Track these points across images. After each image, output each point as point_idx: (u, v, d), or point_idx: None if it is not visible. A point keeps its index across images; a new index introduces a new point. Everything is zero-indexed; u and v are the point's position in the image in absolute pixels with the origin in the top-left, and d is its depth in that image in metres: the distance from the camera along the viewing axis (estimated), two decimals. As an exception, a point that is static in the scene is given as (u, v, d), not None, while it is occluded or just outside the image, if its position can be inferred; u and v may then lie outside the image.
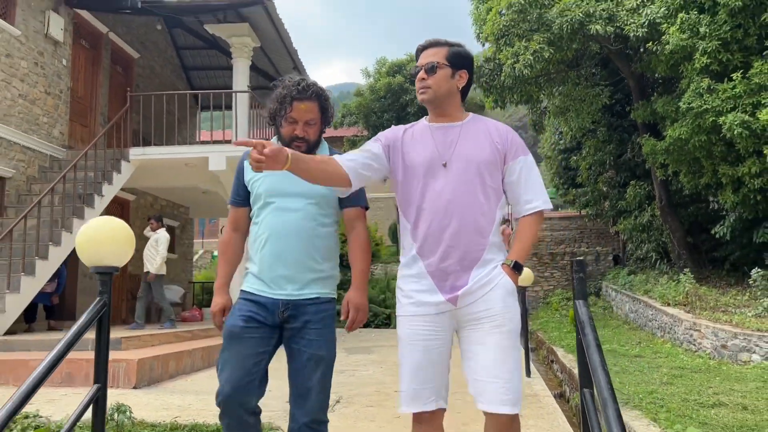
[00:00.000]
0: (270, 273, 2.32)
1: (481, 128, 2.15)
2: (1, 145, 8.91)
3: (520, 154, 2.13)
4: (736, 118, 9.44)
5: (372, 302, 16.82)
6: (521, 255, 2.11)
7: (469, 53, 2.19)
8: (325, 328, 2.29)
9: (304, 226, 2.31)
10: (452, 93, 2.15)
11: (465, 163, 2.08)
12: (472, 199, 2.07)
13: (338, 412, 4.80)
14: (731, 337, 8.01)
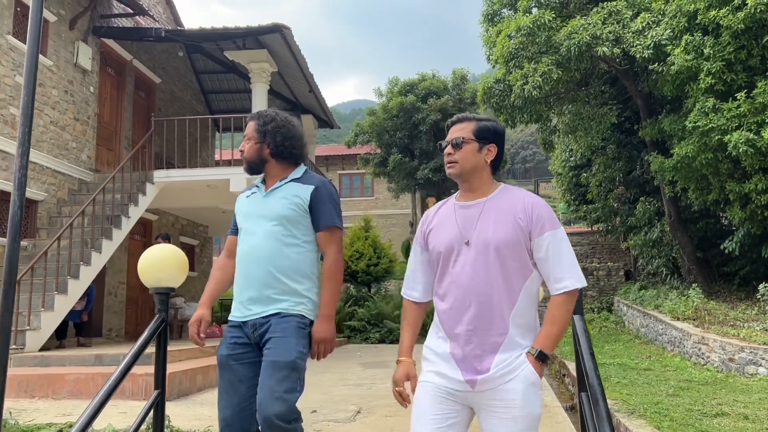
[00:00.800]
0: (240, 296, 2.45)
1: (505, 204, 2.09)
2: (33, 169, 9.38)
3: (547, 229, 2.03)
4: (741, 136, 9.68)
5: (386, 318, 17.08)
6: (548, 342, 2.00)
7: (499, 127, 2.17)
8: (285, 337, 2.33)
9: (266, 247, 2.40)
10: (479, 167, 2.12)
11: (483, 245, 2.03)
12: (491, 282, 2.02)
13: (359, 422, 5.10)
14: (738, 351, 8.21)
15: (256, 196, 2.56)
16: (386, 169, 24.94)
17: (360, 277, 18.16)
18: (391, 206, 32.88)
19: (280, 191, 2.51)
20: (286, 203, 2.46)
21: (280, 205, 2.46)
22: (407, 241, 28.06)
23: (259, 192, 2.57)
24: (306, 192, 2.48)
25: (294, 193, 2.49)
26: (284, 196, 2.49)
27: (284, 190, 2.51)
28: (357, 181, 34.12)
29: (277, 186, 2.53)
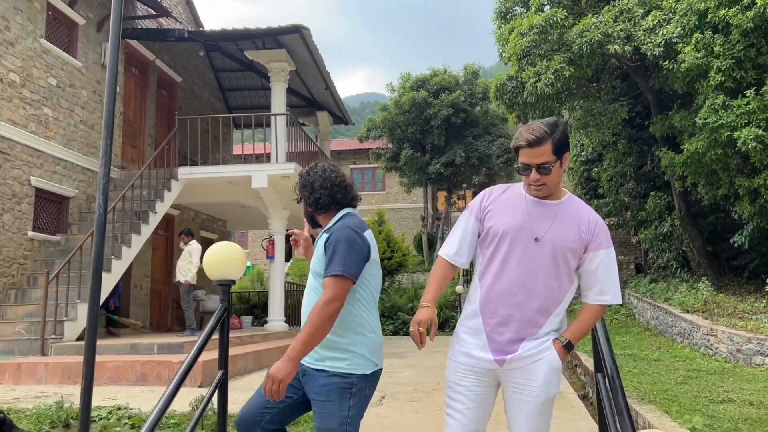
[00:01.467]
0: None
1: (573, 212, 2.21)
2: (65, 167, 9.78)
3: (604, 246, 2.17)
4: (750, 132, 9.89)
5: (401, 311, 17.43)
6: (576, 336, 2.21)
7: (565, 131, 2.20)
8: (328, 402, 2.34)
9: (308, 300, 2.47)
10: (560, 180, 2.24)
11: (552, 246, 2.16)
12: (547, 281, 2.17)
13: (386, 406, 5.45)
14: (746, 342, 8.48)
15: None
16: (398, 164, 25.24)
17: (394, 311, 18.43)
18: (403, 200, 33.21)
19: (317, 245, 2.50)
20: (316, 257, 2.46)
21: (314, 259, 2.49)
22: (419, 235, 28.39)
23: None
24: (321, 242, 2.45)
25: (319, 244, 2.48)
26: (317, 249, 2.49)
27: (318, 242, 2.50)
28: (369, 175, 34.44)
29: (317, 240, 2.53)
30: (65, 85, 9.84)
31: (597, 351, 2.76)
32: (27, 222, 8.98)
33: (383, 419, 4.90)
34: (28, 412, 4.82)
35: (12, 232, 8.68)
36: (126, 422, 4.87)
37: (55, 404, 4.81)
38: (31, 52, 9.13)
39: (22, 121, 8.88)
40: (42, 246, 9.30)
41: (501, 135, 24.67)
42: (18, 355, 7.50)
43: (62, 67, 9.80)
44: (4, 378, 6.66)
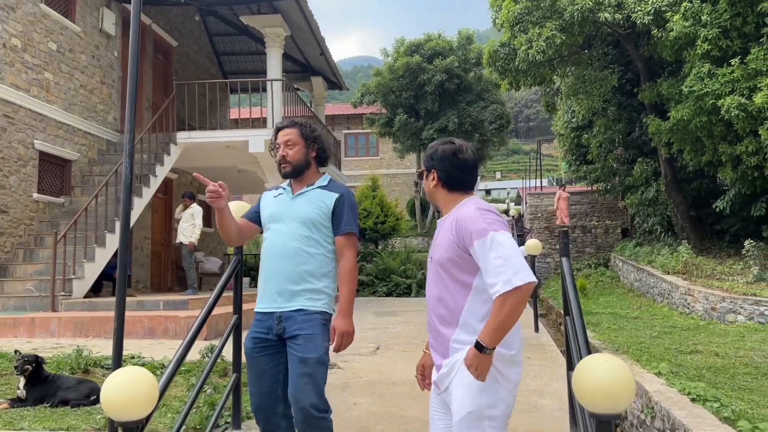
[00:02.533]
0: (266, 289, 2.68)
1: (448, 222, 2.21)
2: (67, 131, 10.02)
3: (475, 238, 2.07)
4: (733, 101, 10.21)
5: (393, 273, 17.88)
6: (488, 333, 2.01)
7: (436, 152, 2.27)
8: (313, 334, 2.56)
9: (292, 246, 2.62)
10: (430, 193, 2.31)
11: (435, 262, 2.22)
12: (438, 295, 2.19)
13: (380, 355, 5.88)
14: (720, 301, 8.97)
15: (283, 198, 2.76)
16: (392, 130, 25.40)
17: (368, 234, 18.91)
18: (396, 166, 33.44)
19: (307, 196, 2.72)
20: (312, 207, 2.67)
21: (306, 208, 2.67)
22: (412, 200, 28.76)
23: (286, 194, 2.77)
24: (331, 199, 2.70)
25: (320, 198, 2.70)
26: (311, 200, 2.70)
27: (311, 195, 2.72)
28: (362, 140, 34.58)
29: (304, 191, 2.74)
30: (65, 49, 10.01)
31: (565, 297, 3.15)
32: (32, 184, 9.26)
33: (378, 365, 5.34)
34: (48, 360, 5.20)
35: (18, 194, 8.97)
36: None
37: (75, 352, 5.19)
38: (31, 17, 9.27)
39: (24, 86, 9.09)
40: (47, 207, 9.60)
41: (494, 101, 24.86)
42: (30, 310, 7.88)
43: (61, 32, 9.94)
44: (19, 331, 7.05)
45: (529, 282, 1.98)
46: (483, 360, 2.01)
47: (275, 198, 2.79)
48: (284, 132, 2.76)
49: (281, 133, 2.76)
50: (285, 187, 2.82)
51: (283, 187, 2.83)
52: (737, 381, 5.19)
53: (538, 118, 71.92)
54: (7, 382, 4.81)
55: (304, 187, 2.75)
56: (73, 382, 4.35)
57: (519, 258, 2.03)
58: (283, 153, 2.73)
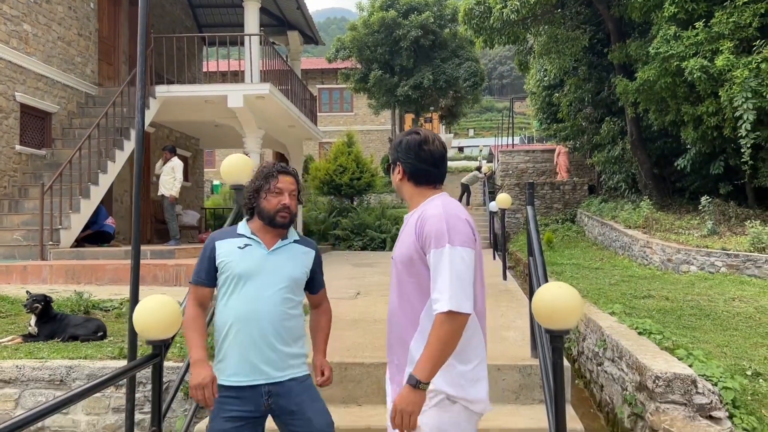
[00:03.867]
0: (242, 359, 2.36)
1: (413, 219, 2.05)
2: (47, 83, 10.06)
3: (432, 246, 1.91)
4: (696, 63, 10.66)
5: (369, 228, 18.34)
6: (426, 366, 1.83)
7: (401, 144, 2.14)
8: (315, 402, 2.43)
9: (277, 311, 2.38)
10: (398, 187, 2.17)
11: (394, 262, 2.09)
12: (400, 302, 2.04)
13: (360, 299, 6.34)
14: (675, 252, 9.62)
15: (255, 251, 2.45)
16: (366, 85, 25.50)
17: (344, 190, 19.25)
18: (371, 122, 33.57)
19: (287, 251, 2.49)
20: (298, 265, 2.48)
21: (291, 267, 2.46)
22: (386, 157, 29.07)
23: (256, 246, 2.46)
24: (310, 256, 2.55)
25: (302, 255, 2.52)
26: (293, 257, 2.49)
27: (291, 250, 2.50)
28: (336, 96, 34.53)
29: (282, 245, 2.49)
30: (42, 0, 9.96)
31: (529, 240, 3.60)
32: (14, 136, 9.36)
33: (359, 307, 5.80)
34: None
35: (1, 146, 9.08)
36: (136, 311, 5.63)
37: (75, 295, 5.52)
38: (6, -34, 9.21)
39: (4, 38, 9.09)
40: (29, 159, 9.73)
41: (468, 58, 25.06)
42: (19, 259, 8.13)
43: (37, -18, 9.89)
44: (12, 278, 7.32)
45: (469, 314, 1.85)
46: (417, 399, 1.82)
47: (242, 250, 2.43)
48: (290, 180, 2.50)
49: (285, 179, 2.49)
50: (249, 236, 2.47)
51: (245, 235, 2.48)
52: (682, 321, 5.78)
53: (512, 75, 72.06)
54: (13, 321, 5.14)
55: (277, 240, 2.49)
56: (80, 320, 4.71)
57: (470, 285, 1.87)
58: (287, 203, 2.45)
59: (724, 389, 3.52)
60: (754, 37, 10.45)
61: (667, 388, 3.45)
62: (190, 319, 2.45)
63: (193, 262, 7.95)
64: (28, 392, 3.77)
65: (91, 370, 3.78)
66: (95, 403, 3.74)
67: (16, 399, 3.77)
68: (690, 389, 3.44)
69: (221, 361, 2.40)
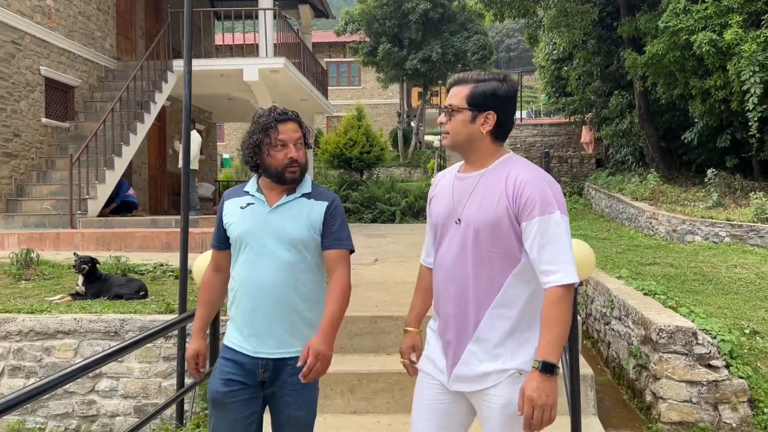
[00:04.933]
0: (247, 327, 2.18)
1: (498, 179, 1.84)
2: (69, 57, 10.32)
3: (536, 214, 1.75)
4: (705, 36, 10.80)
5: (378, 201, 18.65)
6: (548, 349, 1.70)
7: (500, 90, 1.86)
8: (305, 388, 2.17)
9: (282, 278, 2.15)
10: (474, 138, 1.88)
11: (465, 225, 1.86)
12: (467, 267, 1.85)
13: (378, 265, 6.68)
14: (680, 223, 9.90)
15: (257, 210, 2.20)
16: (375, 59, 25.54)
17: (354, 163, 19.49)
18: (378, 96, 33.64)
19: (290, 208, 2.20)
20: (301, 226, 2.18)
21: (294, 226, 2.17)
22: (394, 131, 29.22)
23: (258, 204, 2.22)
24: (320, 209, 2.22)
25: (308, 211, 2.21)
26: (296, 214, 2.19)
27: (295, 206, 2.21)
28: (344, 69, 34.56)
29: (285, 200, 2.21)
30: (62, -25, 10.19)
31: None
32: (40, 109, 9.67)
33: (379, 272, 6.14)
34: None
35: (28, 119, 9.39)
36: (170, 274, 5.99)
37: (114, 258, 5.87)
38: (29, -59, 9.42)
39: (29, 12, 9.33)
40: (54, 132, 10.04)
41: (477, 31, 25.03)
42: (49, 227, 8.49)
43: (57, -43, 10.10)
44: (46, 245, 7.69)
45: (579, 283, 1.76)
46: (554, 387, 1.68)
47: (243, 210, 2.21)
48: (292, 127, 2.18)
49: (287, 127, 2.16)
50: (253, 192, 2.24)
51: (250, 192, 2.25)
52: (686, 285, 6.09)
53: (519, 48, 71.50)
54: (57, 283, 5.50)
55: (283, 195, 2.21)
56: (123, 280, 5.06)
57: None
58: (294, 155, 2.16)
59: (721, 342, 3.85)
60: (762, 11, 10.58)
61: (669, 340, 3.77)
62: (203, 286, 2.37)
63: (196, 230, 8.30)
64: (85, 342, 4.13)
65: (143, 322, 4.14)
66: (147, 352, 4.10)
67: (75, 348, 4.14)
68: (691, 341, 3.76)
69: (229, 323, 2.25)
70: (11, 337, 4.11)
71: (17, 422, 3.91)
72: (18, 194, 9.07)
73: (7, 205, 8.88)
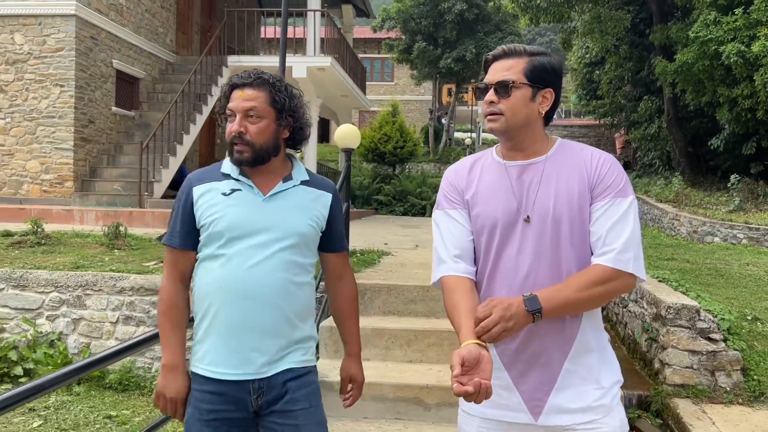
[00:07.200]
0: (227, 346, 1.77)
1: (567, 160, 1.62)
2: (136, 52, 11.24)
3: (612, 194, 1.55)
4: (734, 47, 11.31)
5: (410, 194, 19.39)
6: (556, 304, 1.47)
7: (557, 64, 1.64)
8: (312, 407, 1.83)
9: (276, 279, 1.77)
10: (532, 121, 1.61)
11: (549, 218, 1.57)
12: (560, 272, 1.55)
13: (420, 250, 7.43)
14: (701, 225, 10.46)
15: (246, 198, 1.80)
16: (410, 56, 26.25)
17: (387, 158, 20.25)
18: (410, 92, 34.32)
19: (290, 197, 1.84)
20: (304, 217, 1.83)
21: (296, 217, 1.82)
22: (426, 127, 29.89)
23: (246, 190, 1.81)
24: (325, 201, 1.90)
25: (311, 201, 1.87)
26: (299, 204, 1.84)
27: (297, 196, 1.85)
28: (378, 65, 35.28)
29: (282, 188, 1.83)
30: (133, -24, 11.11)
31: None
32: (111, 99, 10.60)
33: (421, 255, 6.88)
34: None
35: (101, 107, 10.33)
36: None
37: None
38: (105, -55, 10.34)
39: (105, 10, 10.26)
40: (122, 120, 10.98)
41: (511, 32, 25.56)
42: (120, 206, 9.40)
43: (128, -41, 11.02)
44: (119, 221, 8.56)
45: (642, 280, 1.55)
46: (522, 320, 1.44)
47: (228, 197, 1.79)
48: (246, 94, 1.77)
49: (240, 94, 1.77)
50: (236, 176, 1.82)
51: (231, 175, 1.83)
52: (700, 279, 6.71)
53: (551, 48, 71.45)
54: (144, 253, 6.35)
55: (278, 182, 1.83)
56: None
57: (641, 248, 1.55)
58: (239, 128, 1.75)
59: (721, 320, 4.52)
60: (790, 25, 11.04)
61: (676, 316, 4.46)
62: (165, 304, 1.83)
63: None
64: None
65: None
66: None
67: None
68: (694, 317, 4.45)
69: (198, 343, 1.81)
70: (125, 292, 4.95)
71: (129, 361, 4.73)
72: (91, 175, 10.02)
73: (82, 185, 9.82)
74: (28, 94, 9.59)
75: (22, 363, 4.69)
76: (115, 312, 4.93)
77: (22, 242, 6.38)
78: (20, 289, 4.96)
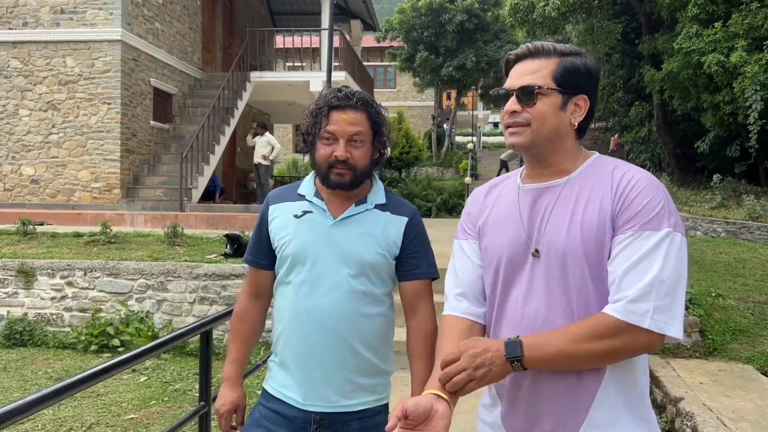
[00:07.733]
0: (299, 373, 1.72)
1: (597, 183, 1.30)
2: (169, 70, 12.36)
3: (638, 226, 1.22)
4: (714, 58, 12.37)
5: (416, 197, 20.47)
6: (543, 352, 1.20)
7: (593, 67, 1.38)
8: None
9: (345, 310, 1.67)
10: (562, 133, 1.33)
11: (554, 252, 1.29)
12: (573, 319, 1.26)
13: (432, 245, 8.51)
14: (684, 221, 11.52)
15: (316, 221, 1.72)
16: (412, 65, 27.35)
17: (394, 162, 21.38)
18: (412, 98, 35.42)
19: (360, 222, 1.73)
20: (373, 244, 1.71)
21: (365, 247, 1.70)
22: (428, 132, 30.97)
23: (317, 213, 1.73)
24: (398, 226, 1.76)
25: (383, 227, 1.73)
26: (370, 232, 1.72)
27: (367, 221, 1.73)
28: (380, 73, 36.40)
29: (354, 213, 1.73)
30: (167, 2, 12.21)
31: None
32: (149, 113, 11.71)
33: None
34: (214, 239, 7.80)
35: (142, 122, 11.44)
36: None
37: (240, 232, 7.79)
38: (142, -25, 11.47)
39: (144, 34, 11.37)
40: (158, 132, 12.09)
41: (509, 41, 26.65)
42: (162, 210, 10.48)
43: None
44: (166, 224, 9.61)
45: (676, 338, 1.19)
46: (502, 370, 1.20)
47: (299, 219, 1.73)
48: (350, 117, 1.67)
49: (340, 117, 1.67)
50: (310, 197, 1.75)
51: (306, 196, 1.76)
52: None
53: (549, 53, 72.43)
54: (201, 248, 7.44)
55: (351, 205, 1.74)
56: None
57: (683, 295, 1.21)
58: (345, 154, 1.67)
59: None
60: (765, 37, 12.11)
61: (648, 289, 5.56)
62: (236, 317, 1.87)
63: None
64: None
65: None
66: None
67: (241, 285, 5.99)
68: (662, 290, 5.56)
69: (272, 361, 1.81)
70: (200, 278, 6.04)
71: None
72: (135, 183, 11.12)
73: (127, 192, 10.92)
74: (79, 111, 10.70)
75: (119, 336, 5.77)
76: (192, 294, 6.02)
77: (95, 241, 7.49)
78: (113, 277, 6.07)
